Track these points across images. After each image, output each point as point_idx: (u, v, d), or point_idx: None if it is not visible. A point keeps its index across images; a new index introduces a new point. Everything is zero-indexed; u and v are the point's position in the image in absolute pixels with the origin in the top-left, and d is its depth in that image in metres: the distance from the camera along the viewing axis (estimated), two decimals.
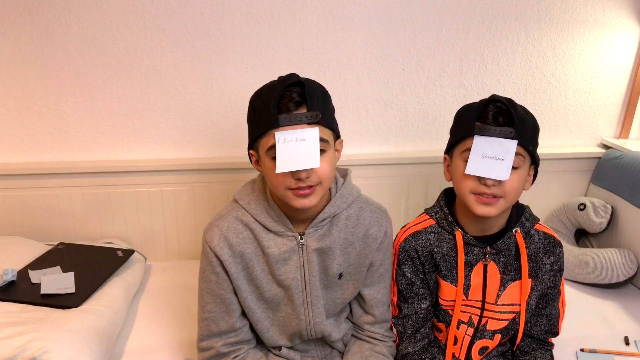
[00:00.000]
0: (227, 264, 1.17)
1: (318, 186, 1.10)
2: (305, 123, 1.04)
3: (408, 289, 1.30)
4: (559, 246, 1.28)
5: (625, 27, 1.95)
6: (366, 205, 1.25)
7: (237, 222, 1.18)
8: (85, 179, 1.82)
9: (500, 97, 1.16)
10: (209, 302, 1.22)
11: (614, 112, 2.08)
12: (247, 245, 1.17)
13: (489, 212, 1.16)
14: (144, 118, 1.83)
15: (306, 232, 1.18)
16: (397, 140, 1.98)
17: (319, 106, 1.07)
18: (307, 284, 1.21)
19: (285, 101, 1.04)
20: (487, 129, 1.13)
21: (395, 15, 1.82)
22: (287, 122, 1.03)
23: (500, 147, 1.11)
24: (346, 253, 1.23)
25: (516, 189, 1.16)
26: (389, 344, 1.31)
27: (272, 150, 1.06)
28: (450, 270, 1.26)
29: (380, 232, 1.24)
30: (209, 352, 1.23)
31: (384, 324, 1.32)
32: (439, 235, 1.27)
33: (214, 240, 1.17)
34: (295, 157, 1.03)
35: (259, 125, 1.08)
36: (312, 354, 1.34)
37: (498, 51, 1.91)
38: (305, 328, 1.25)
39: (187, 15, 1.73)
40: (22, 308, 1.36)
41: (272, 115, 1.03)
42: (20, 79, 1.75)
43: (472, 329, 1.28)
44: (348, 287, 1.26)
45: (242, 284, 1.19)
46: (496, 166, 1.11)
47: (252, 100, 1.13)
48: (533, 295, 1.27)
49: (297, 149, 1.03)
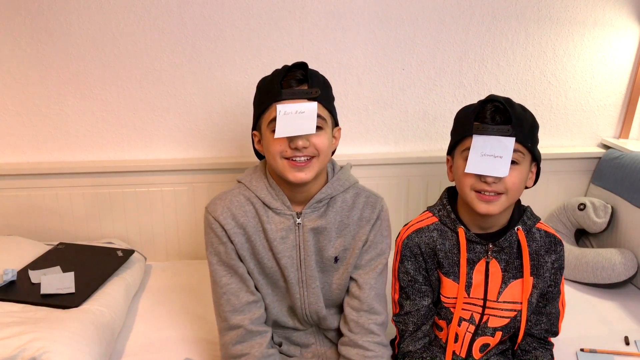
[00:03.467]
0: (231, 234, 1.19)
1: (314, 159, 1.15)
2: (305, 98, 1.13)
3: (410, 285, 1.30)
4: (560, 244, 1.28)
5: (625, 27, 1.95)
6: (362, 192, 1.29)
7: (239, 195, 1.23)
8: (85, 179, 1.82)
9: (497, 97, 1.18)
10: (223, 276, 1.22)
11: (614, 112, 2.08)
12: (249, 219, 1.21)
13: (491, 210, 1.17)
14: (144, 118, 1.83)
15: (303, 212, 1.21)
16: (397, 140, 1.98)
17: (319, 85, 1.15)
18: (302, 263, 1.23)
19: (288, 78, 1.14)
20: (485, 128, 1.15)
21: (395, 15, 1.82)
22: (289, 95, 1.12)
23: (498, 145, 1.14)
24: (342, 236, 1.25)
25: (517, 185, 1.18)
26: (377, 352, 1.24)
27: (273, 122, 1.13)
28: (453, 268, 1.26)
29: (374, 214, 1.26)
30: (237, 331, 1.21)
31: (372, 315, 1.25)
32: (441, 232, 1.28)
33: (217, 211, 1.20)
34: (294, 126, 1.11)
35: (263, 101, 1.16)
36: (312, 349, 1.34)
37: (498, 51, 1.92)
38: (300, 307, 1.27)
39: (187, 15, 1.73)
40: (22, 308, 1.36)
41: (276, 89, 1.13)
42: (20, 79, 1.75)
43: (474, 326, 1.29)
44: (344, 271, 1.27)
45: (247, 255, 1.22)
46: (495, 164, 1.13)
47: (259, 83, 1.22)
48: (534, 293, 1.27)
49: (295, 119, 1.11)
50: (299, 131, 1.11)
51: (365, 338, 1.25)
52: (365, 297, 1.26)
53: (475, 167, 1.15)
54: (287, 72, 1.15)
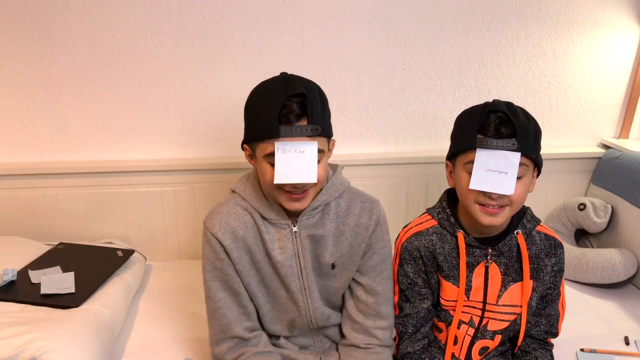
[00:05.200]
0: (229, 249, 1.18)
1: (311, 189, 1.14)
2: (306, 136, 1.07)
3: (410, 288, 1.30)
4: (560, 247, 1.28)
5: (625, 27, 1.95)
6: (356, 196, 1.26)
7: (236, 207, 1.21)
8: (85, 179, 1.82)
9: (500, 106, 1.14)
10: (218, 290, 1.21)
11: (614, 112, 2.08)
12: (248, 230, 1.20)
13: (494, 222, 1.17)
14: (144, 118, 1.83)
15: (299, 220, 1.20)
16: (397, 140, 1.98)
17: (319, 118, 1.08)
18: (303, 271, 1.22)
19: (286, 112, 1.06)
20: (489, 142, 1.12)
21: (395, 15, 1.82)
22: (288, 134, 1.05)
23: (503, 160, 1.11)
24: (338, 243, 1.24)
25: (521, 197, 1.17)
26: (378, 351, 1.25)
27: (269, 156, 1.08)
28: (452, 271, 1.26)
29: (372, 221, 1.24)
30: (232, 340, 1.22)
31: (378, 320, 1.26)
32: (441, 235, 1.27)
33: (215, 227, 1.18)
34: (293, 168, 1.06)
35: (258, 131, 1.09)
36: (311, 349, 1.34)
37: (498, 51, 1.92)
38: (305, 315, 1.26)
39: (187, 15, 1.73)
40: (22, 308, 1.36)
41: (273, 125, 1.05)
42: (20, 79, 1.75)
43: (473, 329, 1.28)
44: (342, 277, 1.26)
45: (245, 268, 1.21)
46: (500, 180, 1.11)
47: (252, 101, 1.13)
48: (534, 297, 1.27)
49: (295, 160, 1.06)
50: (300, 179, 1.06)
51: (367, 341, 1.26)
52: (372, 302, 1.27)
53: (480, 184, 1.13)
54: (283, 102, 1.05)
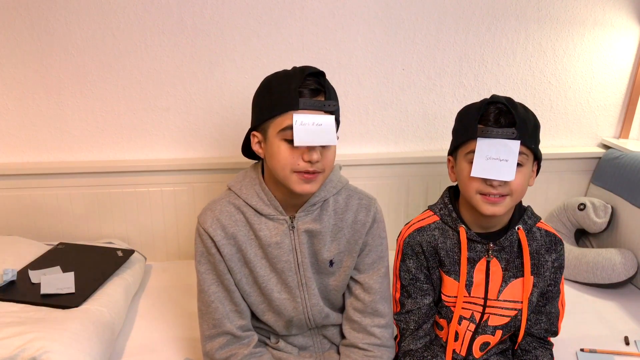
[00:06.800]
0: (219, 245, 1.18)
1: (321, 174, 1.14)
2: (323, 111, 1.10)
3: (412, 284, 1.30)
4: (560, 243, 1.29)
5: (625, 27, 1.95)
6: (354, 193, 1.27)
7: (229, 205, 1.21)
8: (85, 179, 1.82)
9: (499, 98, 1.18)
10: (212, 284, 1.22)
11: (614, 112, 2.08)
12: (239, 228, 1.19)
13: (496, 211, 1.18)
14: (144, 118, 1.83)
15: (296, 216, 1.20)
16: (397, 140, 1.98)
17: (335, 98, 1.13)
18: (301, 266, 1.22)
19: (304, 87, 1.08)
20: (489, 131, 1.15)
21: (395, 15, 1.82)
22: (307, 106, 1.08)
23: (503, 148, 1.14)
24: (336, 239, 1.24)
25: (522, 187, 1.19)
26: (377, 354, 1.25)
27: (285, 131, 1.08)
28: (454, 266, 1.27)
29: (369, 217, 1.25)
30: (224, 337, 1.22)
31: (376, 318, 1.26)
32: (443, 231, 1.28)
33: (207, 222, 1.19)
34: (312, 136, 1.07)
35: (275, 105, 1.10)
36: (310, 350, 1.34)
37: (498, 51, 1.92)
38: (302, 311, 1.26)
39: (187, 15, 1.73)
40: (22, 308, 1.36)
41: (293, 97, 1.07)
42: (20, 79, 1.75)
43: (474, 325, 1.29)
44: (340, 275, 1.27)
45: (236, 266, 1.20)
46: (501, 167, 1.14)
47: (269, 81, 1.15)
48: (535, 292, 1.28)
49: (313, 131, 1.07)
50: (320, 141, 1.07)
51: (366, 340, 1.26)
52: (369, 300, 1.26)
53: (481, 171, 1.15)
54: (303, 79, 1.09)
